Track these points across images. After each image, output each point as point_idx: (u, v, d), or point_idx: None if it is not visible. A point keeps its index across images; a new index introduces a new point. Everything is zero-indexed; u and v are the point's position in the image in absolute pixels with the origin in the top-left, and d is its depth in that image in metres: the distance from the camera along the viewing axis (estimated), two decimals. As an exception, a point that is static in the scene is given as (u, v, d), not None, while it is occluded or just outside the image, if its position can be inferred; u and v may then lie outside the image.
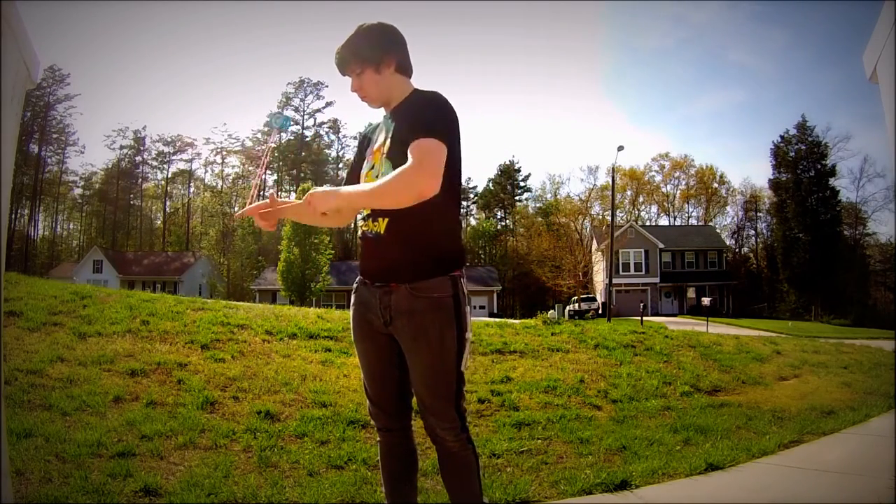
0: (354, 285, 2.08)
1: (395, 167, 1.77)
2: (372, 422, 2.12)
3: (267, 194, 2.04)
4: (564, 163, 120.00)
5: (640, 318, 19.12)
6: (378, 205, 1.83)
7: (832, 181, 46.83)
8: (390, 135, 1.93)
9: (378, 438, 2.11)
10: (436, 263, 1.89)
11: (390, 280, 1.90)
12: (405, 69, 2.01)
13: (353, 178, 2.07)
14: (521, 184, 62.65)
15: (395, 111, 2.00)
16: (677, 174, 62.32)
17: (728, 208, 61.29)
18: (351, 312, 2.08)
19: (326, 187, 1.83)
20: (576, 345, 7.54)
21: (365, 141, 2.12)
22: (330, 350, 5.96)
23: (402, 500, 2.08)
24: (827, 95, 74.20)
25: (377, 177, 1.89)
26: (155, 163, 65.12)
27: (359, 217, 2.02)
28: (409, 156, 1.72)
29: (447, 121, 1.84)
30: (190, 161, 66.70)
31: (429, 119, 1.79)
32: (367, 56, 1.94)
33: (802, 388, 6.62)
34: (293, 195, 48.39)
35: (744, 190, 59.46)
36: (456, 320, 1.89)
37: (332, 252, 40.37)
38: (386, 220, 1.87)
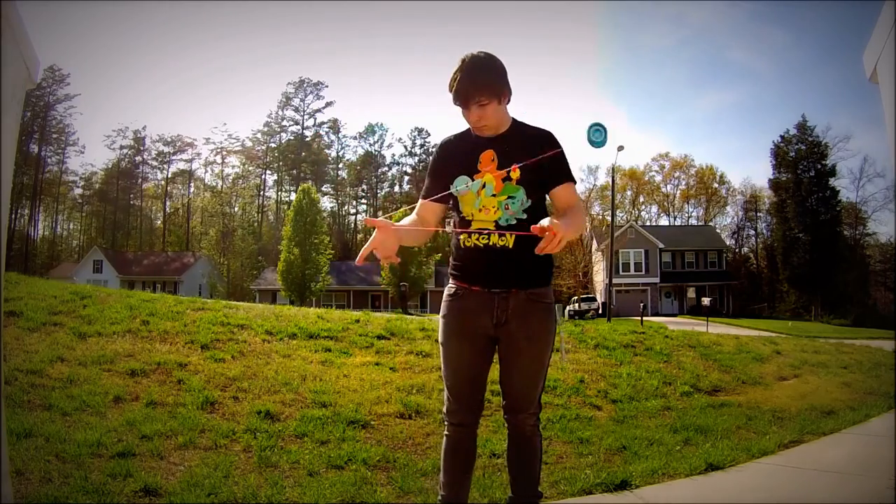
0: (451, 292, 2.27)
1: (528, 194, 2.16)
2: (446, 418, 2.27)
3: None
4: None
5: (640, 318, 19.13)
6: (575, 234, 2.11)
7: (832, 181, 46.75)
8: (520, 164, 2.14)
9: (446, 433, 2.27)
10: (546, 275, 2.26)
11: (512, 287, 2.16)
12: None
13: (439, 190, 2.20)
14: (521, 184, 62.56)
15: (506, 138, 2.21)
16: (677, 174, 62.43)
17: (728, 208, 61.38)
18: (447, 317, 2.26)
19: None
20: (576, 345, 7.54)
21: (450, 159, 2.25)
22: (330, 350, 5.95)
23: (459, 495, 2.26)
24: (827, 95, 74.23)
25: (494, 195, 2.16)
26: (155, 163, 65.25)
27: (458, 231, 2.22)
28: (570, 196, 2.20)
29: None
30: (190, 161, 66.83)
31: (566, 163, 2.22)
32: (496, 90, 2.12)
33: (802, 388, 6.62)
34: (293, 195, 48.38)
35: (744, 190, 59.54)
36: (554, 324, 2.26)
37: (332, 252, 40.38)
38: (513, 236, 2.14)
